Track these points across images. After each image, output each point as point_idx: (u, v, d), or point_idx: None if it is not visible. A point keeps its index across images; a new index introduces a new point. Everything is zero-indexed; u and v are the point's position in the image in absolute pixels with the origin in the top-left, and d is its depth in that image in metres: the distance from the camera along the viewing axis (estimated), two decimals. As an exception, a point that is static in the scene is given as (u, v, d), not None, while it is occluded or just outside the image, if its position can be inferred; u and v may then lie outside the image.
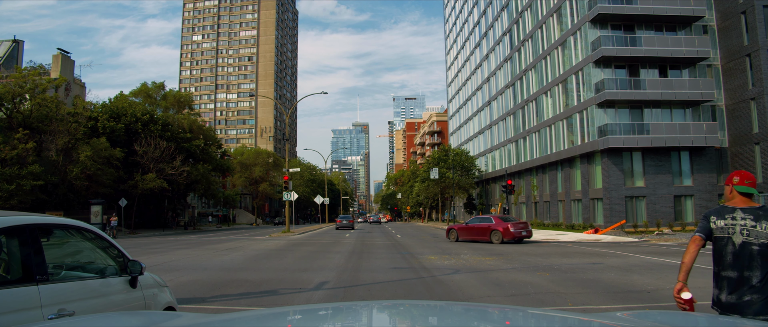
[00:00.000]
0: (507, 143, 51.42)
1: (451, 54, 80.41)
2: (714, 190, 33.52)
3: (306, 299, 8.36)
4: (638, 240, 22.61)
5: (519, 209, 48.91)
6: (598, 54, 32.67)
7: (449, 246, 20.57)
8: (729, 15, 33.60)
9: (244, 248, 19.92)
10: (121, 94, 49.05)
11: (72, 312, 3.11)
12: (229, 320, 2.28)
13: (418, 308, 2.63)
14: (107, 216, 34.07)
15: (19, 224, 3.09)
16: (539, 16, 42.73)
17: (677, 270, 3.45)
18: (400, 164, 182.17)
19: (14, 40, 42.84)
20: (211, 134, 59.29)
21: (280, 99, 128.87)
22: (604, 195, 33.45)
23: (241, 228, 55.19)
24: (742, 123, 32.91)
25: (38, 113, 31.89)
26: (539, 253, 16.99)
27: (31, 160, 29.91)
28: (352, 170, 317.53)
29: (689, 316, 2.77)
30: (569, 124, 37.91)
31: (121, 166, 37.06)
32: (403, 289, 9.32)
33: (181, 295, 8.29)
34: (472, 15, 65.63)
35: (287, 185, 32.45)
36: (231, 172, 64.87)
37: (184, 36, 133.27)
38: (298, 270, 12.42)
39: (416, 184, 70.32)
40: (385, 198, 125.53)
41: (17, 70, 33.31)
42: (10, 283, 2.98)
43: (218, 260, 14.82)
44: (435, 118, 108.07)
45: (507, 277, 10.82)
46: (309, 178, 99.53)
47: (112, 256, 3.82)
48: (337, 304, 2.72)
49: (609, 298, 8.39)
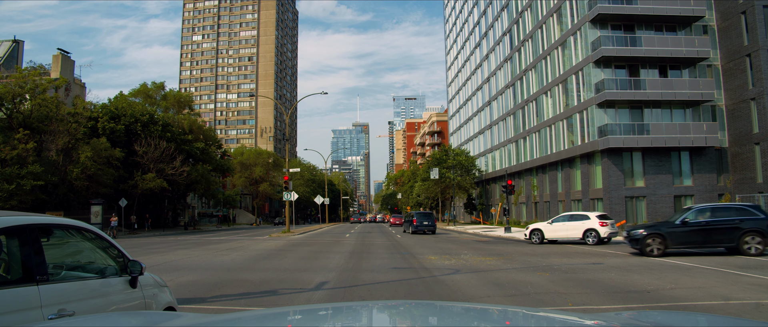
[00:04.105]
0: (507, 143, 51.42)
1: (451, 54, 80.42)
2: (714, 190, 33.51)
3: (306, 299, 8.36)
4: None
5: (519, 209, 48.90)
6: (598, 54, 32.67)
7: (449, 246, 20.57)
8: (729, 15, 33.60)
9: (244, 248, 19.92)
10: (120, 94, 49.05)
11: (72, 312, 3.11)
12: (229, 320, 2.28)
13: (418, 308, 2.63)
14: (129, 217, 34.07)
15: (20, 224, 3.09)
16: (539, 16, 42.73)
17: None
18: (400, 164, 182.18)
19: (14, 40, 42.87)
20: (211, 134, 59.30)
21: (280, 99, 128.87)
22: (604, 195, 33.45)
23: (241, 228, 55.17)
24: (742, 123, 32.91)
25: (38, 113, 31.90)
26: (539, 253, 16.99)
27: (31, 161, 29.90)
28: (352, 170, 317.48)
29: (689, 315, 2.77)
30: (569, 124, 37.91)
31: (121, 166, 37.07)
32: (403, 290, 9.32)
33: (181, 295, 8.29)
34: (472, 15, 65.64)
35: (287, 185, 32.45)
36: (231, 173, 64.88)
37: (184, 36, 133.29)
38: (298, 270, 12.42)
39: (416, 185, 70.31)
40: (385, 198, 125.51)
41: (17, 70, 33.33)
42: (10, 283, 2.98)
43: (218, 260, 14.82)
44: (435, 118, 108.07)
45: (507, 277, 10.82)
46: (309, 178, 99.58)
47: (112, 257, 3.82)
48: (337, 304, 2.72)
49: (609, 298, 8.39)
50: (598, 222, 20.32)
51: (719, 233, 14.68)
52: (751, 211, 14.84)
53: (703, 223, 14.89)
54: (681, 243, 14.94)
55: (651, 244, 15.00)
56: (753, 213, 14.75)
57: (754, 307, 7.49)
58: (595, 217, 20.69)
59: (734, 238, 14.49)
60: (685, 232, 14.89)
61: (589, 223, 20.53)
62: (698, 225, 14.90)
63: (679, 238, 14.91)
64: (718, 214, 15.10)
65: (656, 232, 15.12)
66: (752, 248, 14.34)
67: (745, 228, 14.43)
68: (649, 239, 15.04)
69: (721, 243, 14.90)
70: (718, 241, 14.87)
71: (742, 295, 8.39)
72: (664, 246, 14.90)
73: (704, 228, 14.84)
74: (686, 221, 14.96)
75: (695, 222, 14.99)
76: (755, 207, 15.22)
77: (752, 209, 14.95)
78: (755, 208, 15.06)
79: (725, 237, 14.63)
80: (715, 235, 14.73)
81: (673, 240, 14.90)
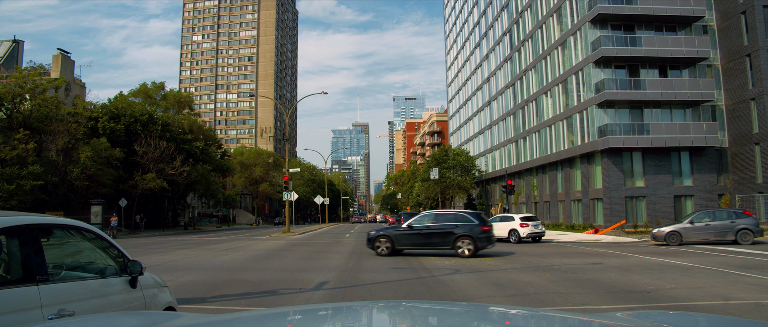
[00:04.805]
0: (507, 143, 51.42)
1: (451, 54, 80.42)
2: (714, 191, 33.51)
3: (306, 299, 8.36)
4: (638, 240, 22.60)
5: (519, 209, 48.89)
6: (598, 54, 32.67)
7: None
8: (729, 15, 33.60)
9: (244, 248, 19.92)
10: (120, 94, 49.04)
11: (72, 312, 3.11)
12: (229, 320, 2.29)
13: (418, 308, 2.63)
14: (133, 217, 34.09)
15: (20, 224, 3.09)
16: (539, 16, 42.73)
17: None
18: (400, 164, 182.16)
19: (14, 40, 42.87)
20: (211, 134, 59.29)
21: (280, 99, 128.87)
22: (604, 195, 33.45)
23: (241, 228, 55.16)
24: (742, 123, 32.91)
25: (38, 113, 31.89)
26: (539, 253, 17.00)
27: (31, 161, 29.89)
28: (352, 170, 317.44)
29: (689, 316, 2.77)
30: (569, 124, 37.90)
31: (121, 166, 37.06)
32: (403, 290, 9.32)
33: (181, 295, 8.29)
34: (472, 15, 65.63)
35: (287, 185, 32.46)
36: (231, 173, 64.87)
37: (184, 36, 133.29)
38: (298, 270, 12.42)
39: (416, 185, 70.30)
40: (385, 198, 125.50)
41: (17, 70, 33.32)
42: (10, 283, 2.98)
43: (218, 260, 14.82)
44: (435, 118, 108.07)
45: (507, 277, 10.82)
46: (309, 178, 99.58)
47: (112, 257, 3.82)
48: (337, 304, 2.72)
49: (609, 298, 8.39)
50: (519, 223, 22.73)
51: (438, 237, 15.95)
52: (466, 217, 16.11)
53: (425, 228, 16.14)
54: (407, 245, 16.23)
55: (380, 244, 16.27)
56: (467, 219, 16.00)
57: (754, 307, 7.49)
58: (518, 218, 23.16)
59: (449, 242, 15.74)
60: (411, 235, 16.18)
61: (513, 224, 22.96)
62: (421, 229, 16.15)
63: (405, 240, 16.21)
64: (439, 220, 16.38)
65: (383, 233, 16.45)
66: (464, 251, 15.53)
67: (458, 233, 15.63)
68: (379, 239, 16.35)
69: (440, 246, 16.02)
70: (438, 244, 16.02)
71: (742, 295, 8.39)
72: (392, 245, 16.16)
73: (426, 232, 16.09)
74: (411, 225, 16.33)
75: (419, 226, 16.22)
76: (473, 214, 16.31)
77: (468, 215, 16.24)
78: (473, 214, 16.28)
79: (443, 240, 15.88)
80: (434, 238, 15.98)
81: (398, 241, 16.22)
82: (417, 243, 16.15)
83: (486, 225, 15.90)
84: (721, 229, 19.04)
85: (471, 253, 15.44)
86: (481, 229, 15.64)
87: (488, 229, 15.85)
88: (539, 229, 23.01)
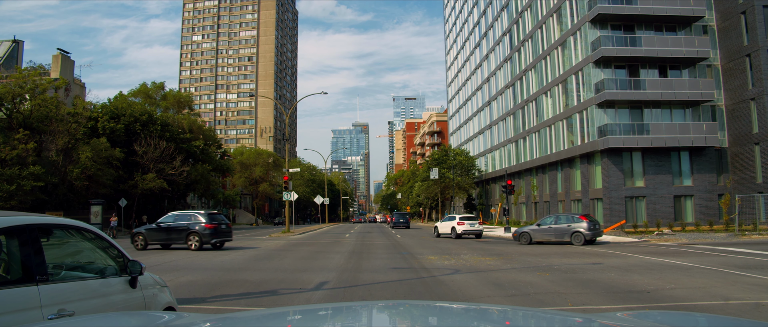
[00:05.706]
0: (507, 143, 51.43)
1: (451, 54, 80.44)
2: (714, 191, 33.52)
3: (306, 299, 8.36)
4: (638, 240, 22.60)
5: (519, 209, 48.91)
6: (598, 54, 32.67)
7: (449, 246, 20.58)
8: (729, 15, 33.60)
9: (244, 248, 19.92)
10: (120, 94, 49.05)
11: (72, 312, 3.11)
12: (229, 320, 2.29)
13: (418, 308, 2.63)
14: (139, 217, 34.21)
15: (19, 224, 3.09)
16: (539, 16, 42.73)
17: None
18: (400, 164, 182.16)
19: (14, 40, 42.85)
20: (210, 134, 59.30)
21: (280, 99, 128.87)
22: (604, 195, 33.45)
23: (241, 228, 55.14)
24: (742, 123, 32.91)
25: (38, 113, 31.87)
26: (539, 253, 17.00)
27: (31, 161, 29.88)
28: (352, 170, 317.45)
29: (689, 316, 2.77)
30: (569, 124, 37.91)
31: (121, 166, 37.05)
32: (403, 290, 9.32)
33: (181, 295, 8.29)
34: (472, 15, 65.64)
35: (287, 185, 32.46)
36: (231, 173, 64.85)
37: (184, 36, 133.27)
38: (298, 270, 12.42)
39: (416, 185, 70.33)
40: (385, 198, 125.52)
41: (17, 70, 33.30)
42: (10, 283, 2.98)
43: (218, 260, 14.82)
44: (435, 118, 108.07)
45: (507, 277, 10.82)
46: (309, 178, 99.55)
47: (112, 256, 3.81)
48: (337, 304, 2.73)
49: (609, 298, 8.39)
50: (457, 222, 26.37)
51: (177, 232, 18.50)
52: (197, 218, 18.58)
53: (166, 225, 18.75)
54: (154, 240, 18.77)
55: (137, 240, 18.81)
56: (198, 219, 18.47)
57: (754, 307, 7.50)
58: (458, 217, 26.77)
59: (183, 237, 18.35)
60: (157, 231, 18.74)
61: (452, 223, 26.69)
62: (164, 225, 18.79)
63: (153, 236, 18.75)
64: (179, 219, 18.82)
65: (140, 231, 19.03)
66: (193, 245, 18.11)
67: (191, 229, 18.30)
68: (137, 236, 18.97)
69: (178, 241, 18.53)
70: (177, 239, 18.53)
71: (741, 295, 8.39)
72: (146, 242, 18.73)
73: (167, 229, 18.63)
74: (159, 223, 18.88)
75: (164, 223, 18.90)
76: (210, 214, 18.76)
77: (198, 215, 18.67)
78: (210, 215, 18.75)
79: (179, 236, 18.43)
80: (174, 233, 18.52)
81: (149, 237, 18.78)
82: (163, 238, 18.66)
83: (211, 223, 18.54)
84: (560, 232, 21.07)
85: (198, 248, 17.98)
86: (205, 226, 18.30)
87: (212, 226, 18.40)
88: (475, 227, 26.18)
